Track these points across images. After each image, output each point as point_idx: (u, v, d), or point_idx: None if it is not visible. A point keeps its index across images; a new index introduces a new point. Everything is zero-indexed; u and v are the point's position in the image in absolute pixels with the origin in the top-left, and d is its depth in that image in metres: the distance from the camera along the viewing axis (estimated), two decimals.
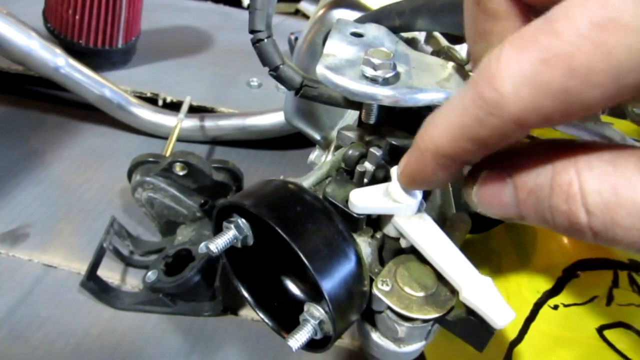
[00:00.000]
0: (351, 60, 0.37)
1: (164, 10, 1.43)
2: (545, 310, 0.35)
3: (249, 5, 0.43)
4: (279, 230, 0.31)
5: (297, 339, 0.33)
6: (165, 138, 0.99)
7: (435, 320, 0.34)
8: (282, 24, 1.43)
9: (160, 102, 1.04)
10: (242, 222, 0.36)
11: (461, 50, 0.48)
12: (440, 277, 0.35)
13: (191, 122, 0.98)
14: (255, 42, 0.41)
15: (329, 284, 0.31)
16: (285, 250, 0.37)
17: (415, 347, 0.37)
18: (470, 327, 0.33)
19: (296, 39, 1.23)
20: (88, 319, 0.69)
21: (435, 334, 0.38)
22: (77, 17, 1.02)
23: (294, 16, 1.64)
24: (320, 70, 0.36)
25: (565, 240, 0.34)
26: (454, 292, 0.34)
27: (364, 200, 0.34)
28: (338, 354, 0.68)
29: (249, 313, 0.72)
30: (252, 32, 0.41)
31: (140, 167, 0.75)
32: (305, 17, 1.40)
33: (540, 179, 0.23)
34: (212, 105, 1.04)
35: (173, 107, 1.03)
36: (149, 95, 1.04)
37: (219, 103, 1.05)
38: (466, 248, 0.43)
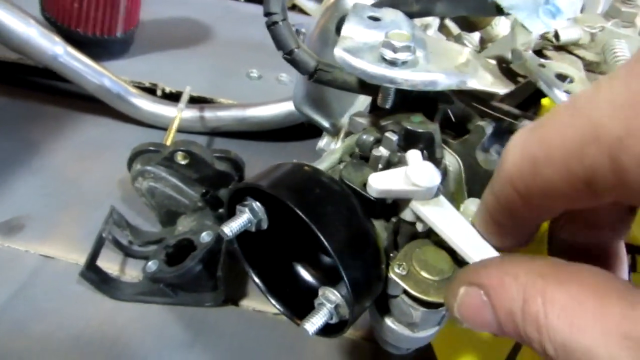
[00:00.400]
0: (369, 43, 0.37)
1: (164, 2, 1.42)
2: None
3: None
4: (300, 213, 0.31)
5: (314, 323, 0.33)
6: (165, 129, 0.98)
7: None
8: None
9: (159, 93, 1.03)
10: (256, 205, 0.35)
11: (474, 37, 0.48)
12: (456, 261, 0.35)
13: (191, 113, 0.97)
14: (270, 25, 0.41)
15: (349, 267, 0.31)
16: (299, 234, 0.37)
17: (429, 332, 0.37)
18: None
19: (297, 31, 1.23)
20: (88, 310, 0.68)
21: (447, 319, 0.38)
22: (75, 5, 1.01)
23: (291, 10, 1.63)
24: (339, 52, 0.36)
25: None
26: None
27: (383, 183, 0.33)
28: (341, 345, 0.68)
29: (250, 303, 0.72)
30: (267, 14, 0.41)
31: (141, 156, 0.75)
32: (302, 12, 1.39)
33: (514, 306, 0.23)
34: (212, 96, 1.03)
35: (172, 97, 1.02)
36: (147, 85, 1.03)
37: (219, 94, 1.04)
38: None
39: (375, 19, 0.39)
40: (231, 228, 0.35)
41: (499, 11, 0.32)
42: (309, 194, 0.33)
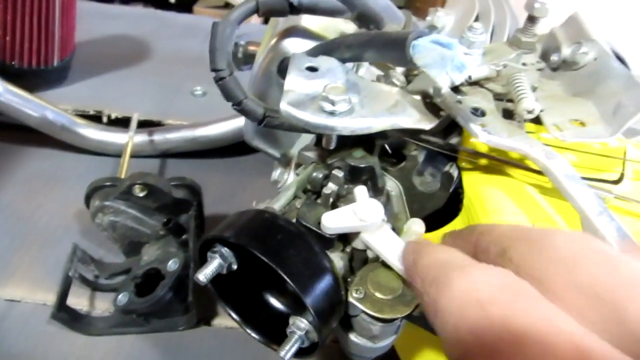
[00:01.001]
0: (310, 94, 0.42)
1: (95, 18, 1.39)
2: None
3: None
4: (266, 260, 0.35)
5: (287, 350, 0.38)
6: (115, 155, 0.99)
7: (404, 317, 0.40)
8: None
9: (104, 119, 1.03)
10: (225, 250, 0.40)
11: (399, 70, 0.53)
12: (404, 280, 0.41)
13: (140, 138, 0.98)
14: (218, 80, 0.44)
15: (313, 299, 0.36)
16: (266, 270, 0.42)
17: (388, 341, 0.43)
18: None
19: (236, 44, 1.25)
20: (62, 349, 0.69)
21: (403, 327, 0.44)
22: (8, 38, 0.99)
23: (225, 9, 1.62)
24: (284, 107, 0.40)
25: None
26: None
27: (335, 222, 0.38)
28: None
29: (222, 322, 0.75)
30: (214, 70, 0.45)
31: (98, 191, 0.76)
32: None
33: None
34: (159, 118, 1.04)
35: (118, 123, 1.03)
36: (92, 113, 1.03)
37: (166, 115, 1.05)
38: None
39: (313, 69, 0.44)
40: (205, 275, 0.39)
41: (416, 65, 0.37)
42: (271, 240, 0.37)
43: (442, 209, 0.48)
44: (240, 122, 0.98)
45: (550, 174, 0.38)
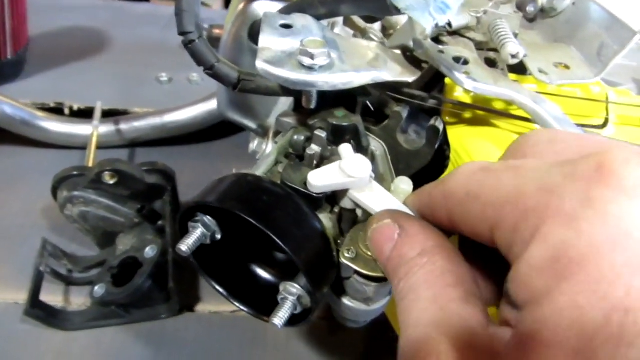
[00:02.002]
0: (287, 51, 0.40)
1: (49, 11, 1.34)
2: None
3: None
4: (254, 222, 0.33)
5: (281, 317, 0.36)
6: (79, 148, 0.95)
7: None
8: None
9: (66, 111, 0.99)
10: (208, 219, 0.38)
11: (376, 27, 0.52)
12: None
13: (106, 128, 0.94)
14: (188, 44, 0.42)
15: (305, 260, 0.34)
16: (253, 238, 0.40)
17: (382, 303, 0.41)
18: None
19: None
20: (39, 347, 0.66)
21: None
22: None
23: None
24: (260, 65, 0.38)
25: None
26: None
27: (322, 180, 0.37)
28: (300, 328, 0.72)
29: (205, 307, 0.73)
30: (182, 34, 0.42)
31: (65, 182, 0.72)
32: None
33: (409, 253, 0.30)
34: (124, 107, 1.01)
35: (81, 114, 0.98)
36: (52, 105, 0.99)
37: (131, 104, 1.02)
38: None
39: (287, 27, 0.42)
40: (187, 245, 0.37)
41: (397, 10, 0.36)
42: (257, 203, 0.35)
43: (428, 167, 0.47)
44: (210, 105, 0.96)
45: (539, 117, 0.37)
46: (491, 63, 0.43)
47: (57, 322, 0.67)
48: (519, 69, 0.46)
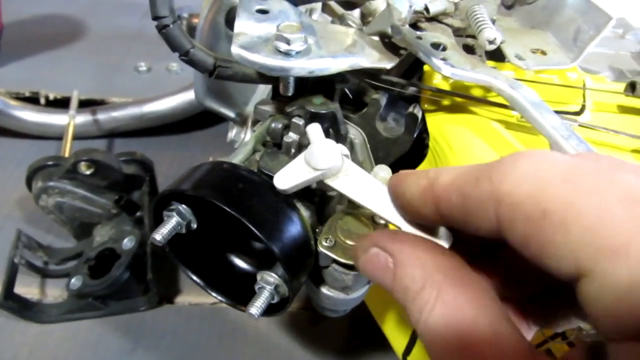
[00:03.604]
0: (263, 37, 0.39)
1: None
2: None
3: None
4: (228, 209, 0.33)
5: (258, 306, 0.35)
6: (55, 138, 0.92)
7: None
8: None
9: (42, 101, 0.96)
10: (183, 208, 0.37)
11: (355, 14, 0.51)
12: (375, 225, 0.39)
13: (83, 118, 0.92)
14: (162, 29, 0.41)
15: (281, 248, 0.34)
16: (230, 227, 0.39)
17: (361, 292, 0.41)
18: None
19: (178, 17, 1.19)
20: (14, 340, 0.65)
21: None
22: None
23: None
24: (236, 50, 0.37)
25: None
26: None
27: (288, 180, 0.35)
28: (281, 318, 0.71)
29: (185, 299, 0.72)
30: (155, 18, 0.41)
31: (40, 172, 0.71)
32: None
33: (412, 285, 0.26)
34: (102, 96, 0.99)
35: (58, 104, 0.96)
36: (27, 94, 0.96)
37: (109, 93, 1.00)
38: None
39: (264, 12, 0.41)
40: (162, 234, 0.36)
41: None
42: (232, 190, 0.34)
43: (407, 155, 0.46)
44: (190, 95, 0.94)
45: (516, 103, 0.37)
46: (469, 49, 0.43)
47: (32, 314, 0.66)
48: (497, 56, 0.45)
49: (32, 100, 0.96)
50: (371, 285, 0.43)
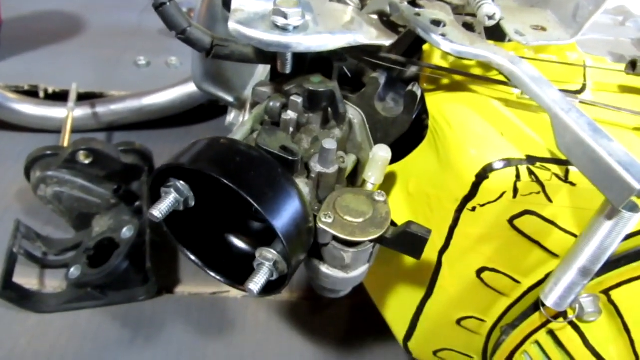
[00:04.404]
0: (260, 13, 0.39)
1: None
2: (465, 214, 0.40)
3: None
4: (225, 181, 0.32)
5: (257, 282, 0.35)
6: (54, 132, 0.92)
7: (377, 240, 0.38)
8: None
9: (41, 94, 0.96)
10: (180, 184, 0.36)
11: None
12: (374, 201, 0.39)
13: (82, 111, 0.92)
14: (158, 7, 0.40)
15: (280, 222, 0.33)
16: (228, 204, 0.39)
17: (361, 270, 0.41)
18: (407, 238, 0.37)
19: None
20: (13, 330, 0.64)
21: (376, 255, 0.42)
22: None
23: None
24: (233, 25, 0.37)
25: (474, 150, 0.39)
26: (388, 212, 0.38)
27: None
28: (281, 307, 0.71)
29: (185, 289, 0.72)
30: None
31: (39, 162, 0.71)
32: None
33: None
34: (101, 90, 0.98)
35: (57, 97, 0.96)
36: (26, 88, 0.96)
37: (108, 87, 1.00)
38: (388, 178, 0.47)
39: None
40: (160, 210, 0.35)
41: None
42: (230, 163, 0.34)
43: (406, 136, 0.46)
44: (189, 88, 0.94)
45: (516, 78, 0.37)
46: (469, 27, 0.42)
47: (31, 304, 0.66)
48: (497, 36, 0.45)
49: (31, 94, 0.95)
50: (371, 266, 0.43)
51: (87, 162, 0.69)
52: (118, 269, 0.65)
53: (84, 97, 0.95)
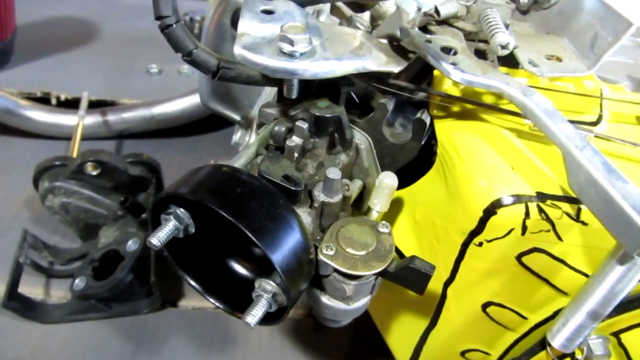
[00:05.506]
0: (267, 37, 0.38)
1: (37, 0, 1.31)
2: (471, 248, 0.39)
3: None
4: (223, 213, 0.32)
5: (254, 315, 0.34)
6: (65, 139, 0.93)
7: (379, 273, 0.37)
8: None
9: (53, 101, 0.97)
10: (180, 211, 0.36)
11: (365, 16, 0.50)
12: (378, 233, 0.38)
13: (93, 119, 0.93)
14: (164, 28, 0.40)
15: (279, 256, 0.33)
16: (229, 232, 0.38)
17: (363, 302, 0.40)
18: (411, 274, 0.36)
19: (191, 20, 1.20)
20: (16, 341, 0.64)
21: (378, 287, 0.41)
22: None
23: None
24: (238, 50, 0.37)
25: (482, 182, 0.37)
26: (392, 245, 0.37)
27: None
28: (285, 324, 0.70)
29: (189, 302, 0.72)
30: (158, 18, 0.40)
31: (47, 172, 0.71)
32: None
33: None
34: (112, 97, 0.99)
35: (69, 105, 0.96)
36: (39, 95, 0.97)
37: (120, 95, 1.00)
38: (395, 204, 0.46)
39: (269, 12, 0.40)
40: (159, 238, 0.35)
41: None
42: (230, 194, 0.33)
43: (414, 162, 0.45)
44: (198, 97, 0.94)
45: (528, 111, 0.36)
46: (481, 54, 0.41)
47: (36, 315, 0.66)
48: (511, 62, 0.44)
49: (43, 100, 0.96)
50: (374, 296, 0.42)
51: (94, 173, 0.69)
52: (122, 281, 0.65)
53: (96, 105, 0.96)
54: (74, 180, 0.69)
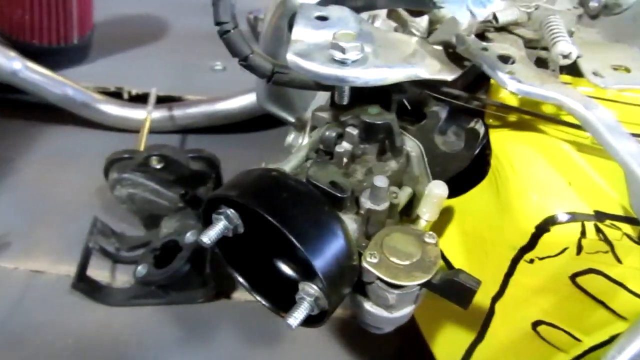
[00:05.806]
0: (319, 44, 0.38)
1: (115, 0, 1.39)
2: (522, 265, 0.38)
3: None
4: (268, 217, 0.33)
5: (296, 317, 0.35)
6: (134, 131, 0.98)
7: (422, 285, 0.36)
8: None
9: (125, 96, 1.02)
10: (231, 212, 0.37)
11: (421, 22, 0.49)
12: (423, 242, 0.37)
13: (160, 113, 0.97)
14: (223, 34, 0.42)
15: (321, 263, 0.33)
16: (275, 234, 0.39)
17: (406, 311, 0.40)
18: (455, 287, 0.36)
19: (255, 18, 1.22)
20: (83, 319, 0.69)
21: (423, 296, 0.40)
22: (26, 17, 0.99)
23: None
24: (290, 57, 0.37)
25: (535, 197, 0.36)
26: (437, 256, 0.37)
27: None
28: (332, 324, 0.71)
29: (242, 295, 0.74)
30: (217, 23, 0.42)
31: (116, 164, 0.75)
32: None
33: None
34: (179, 93, 1.03)
35: (139, 99, 1.02)
36: (112, 89, 1.03)
37: (186, 91, 1.04)
38: (445, 212, 0.45)
39: (323, 19, 0.41)
40: (209, 236, 0.36)
41: (433, 3, 0.33)
42: (276, 199, 0.34)
43: (467, 171, 0.44)
44: None
45: (589, 125, 0.34)
46: (542, 63, 0.39)
47: (101, 296, 0.71)
48: (576, 71, 0.42)
49: (116, 95, 1.02)
50: (418, 305, 0.41)
51: (158, 166, 0.73)
52: (180, 271, 0.68)
53: (163, 100, 1.00)
54: (139, 172, 0.73)
